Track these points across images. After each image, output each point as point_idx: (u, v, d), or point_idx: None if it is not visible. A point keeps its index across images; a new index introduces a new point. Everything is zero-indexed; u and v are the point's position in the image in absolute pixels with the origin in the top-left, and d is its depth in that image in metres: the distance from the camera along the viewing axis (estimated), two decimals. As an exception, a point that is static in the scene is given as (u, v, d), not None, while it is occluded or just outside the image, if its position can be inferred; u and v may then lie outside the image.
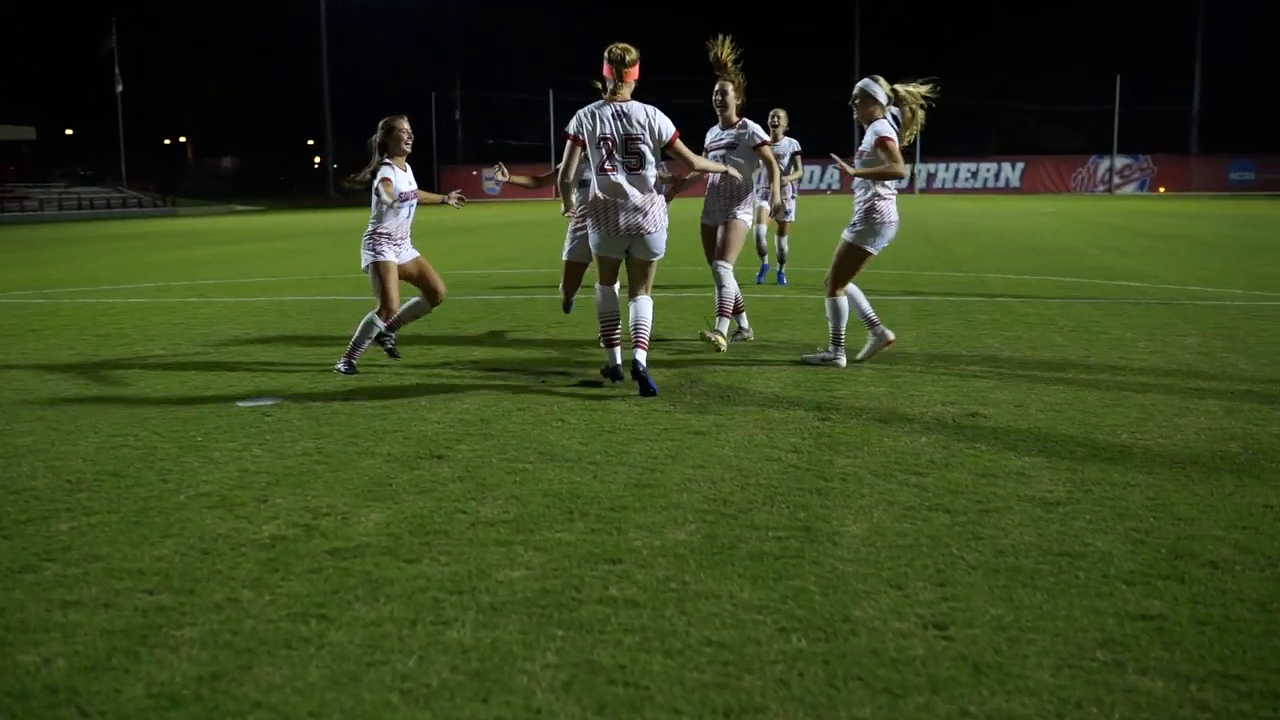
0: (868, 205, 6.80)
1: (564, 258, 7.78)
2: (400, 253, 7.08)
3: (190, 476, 4.49)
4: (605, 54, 6.14)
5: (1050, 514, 3.82)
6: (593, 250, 6.43)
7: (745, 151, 7.61)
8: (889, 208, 6.84)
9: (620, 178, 6.05)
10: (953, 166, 70.33)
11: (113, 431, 5.35)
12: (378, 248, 6.97)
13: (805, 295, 11.00)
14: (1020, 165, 69.09)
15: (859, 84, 6.91)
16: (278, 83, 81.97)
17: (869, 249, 6.87)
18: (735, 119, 7.66)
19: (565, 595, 3.13)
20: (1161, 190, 65.50)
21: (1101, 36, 72.79)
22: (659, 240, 6.19)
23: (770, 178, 7.96)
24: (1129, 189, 66.72)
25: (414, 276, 7.24)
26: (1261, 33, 68.53)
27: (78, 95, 76.47)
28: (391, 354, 7.35)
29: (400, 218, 7.04)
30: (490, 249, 20.13)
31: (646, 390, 6.00)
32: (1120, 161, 67.53)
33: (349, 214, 46.17)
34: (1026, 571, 3.27)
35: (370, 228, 7.01)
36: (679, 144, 6.18)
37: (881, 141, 6.67)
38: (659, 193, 6.26)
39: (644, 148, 6.06)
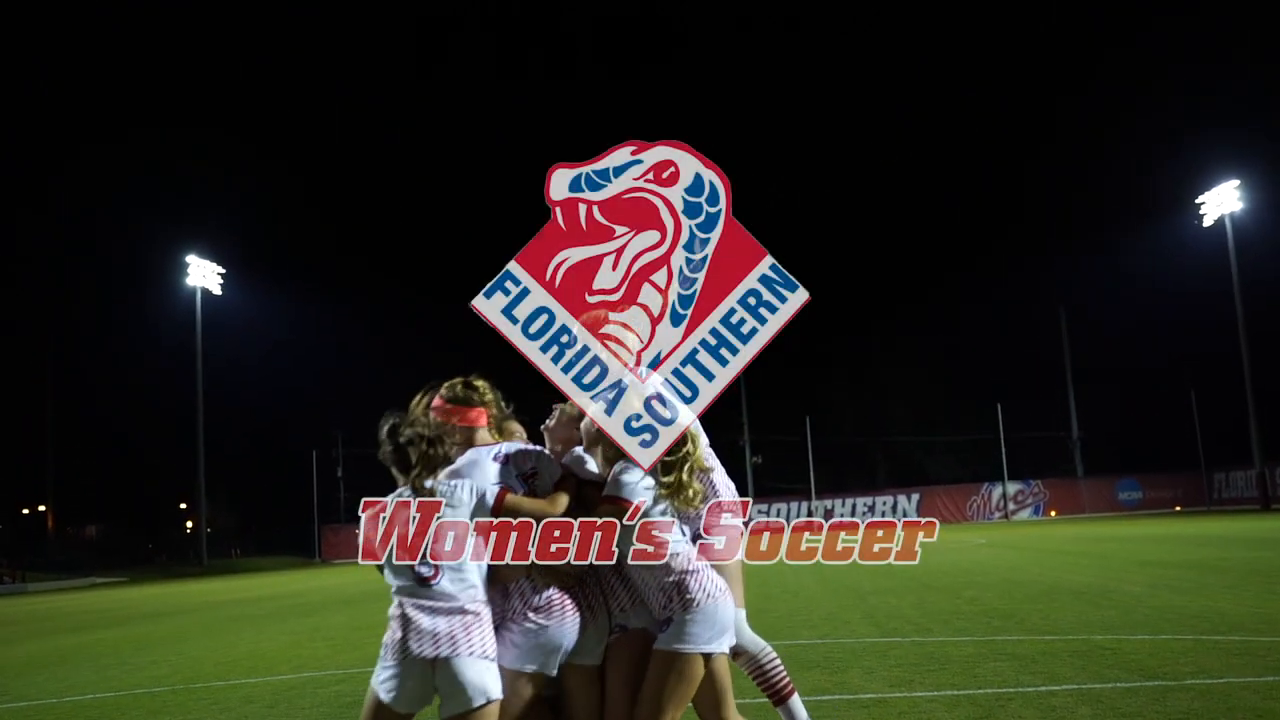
0: (677, 582, 4.00)
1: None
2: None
3: None
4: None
5: None
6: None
7: None
8: (708, 578, 4.09)
9: None
10: (849, 501, 69.38)
11: None
12: None
13: None
14: (915, 496, 68.57)
15: None
16: (147, 446, 77.85)
17: (709, 649, 4.00)
18: None
19: None
20: (1053, 514, 65.50)
21: (977, 368, 75.67)
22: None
23: None
24: (1024, 514, 66.51)
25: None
26: (1126, 356, 72.56)
27: (-78, 467, 71.14)
28: None
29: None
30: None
31: None
32: (1012, 488, 67.77)
33: (222, 583, 41.48)
34: None
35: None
36: None
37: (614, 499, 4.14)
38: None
39: None
